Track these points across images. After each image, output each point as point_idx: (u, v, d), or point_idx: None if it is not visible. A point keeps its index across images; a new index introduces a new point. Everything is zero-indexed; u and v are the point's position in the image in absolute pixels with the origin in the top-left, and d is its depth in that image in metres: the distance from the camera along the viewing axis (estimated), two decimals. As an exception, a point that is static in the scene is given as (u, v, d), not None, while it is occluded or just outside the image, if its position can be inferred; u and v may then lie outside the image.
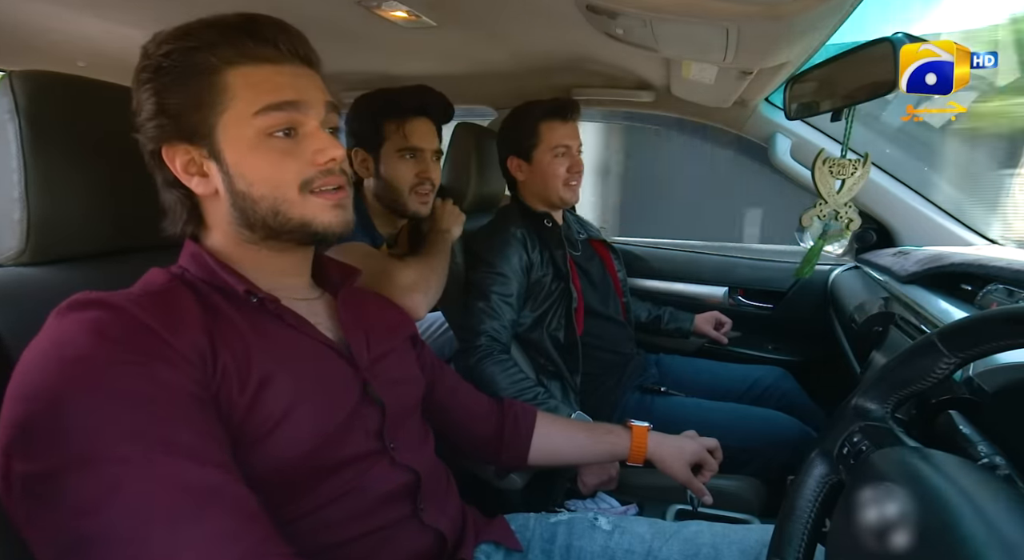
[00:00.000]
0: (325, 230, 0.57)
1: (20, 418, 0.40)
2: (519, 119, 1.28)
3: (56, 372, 0.41)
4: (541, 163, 1.26)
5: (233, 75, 0.53)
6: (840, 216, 1.10)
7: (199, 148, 0.54)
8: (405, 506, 0.61)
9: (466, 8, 0.98)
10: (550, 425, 0.85)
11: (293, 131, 0.55)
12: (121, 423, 0.40)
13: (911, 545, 0.33)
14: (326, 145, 0.56)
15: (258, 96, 0.53)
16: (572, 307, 1.22)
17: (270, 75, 0.54)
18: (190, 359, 0.46)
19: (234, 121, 0.53)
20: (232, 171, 0.54)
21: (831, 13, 0.67)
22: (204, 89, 0.53)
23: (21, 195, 0.54)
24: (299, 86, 0.55)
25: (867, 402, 0.50)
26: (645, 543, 0.71)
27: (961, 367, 0.46)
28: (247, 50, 0.53)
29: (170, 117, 0.53)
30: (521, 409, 0.84)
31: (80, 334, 0.43)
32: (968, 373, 0.61)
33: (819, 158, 1.08)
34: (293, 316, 0.57)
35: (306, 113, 0.56)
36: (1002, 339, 0.42)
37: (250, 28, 0.54)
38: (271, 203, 0.55)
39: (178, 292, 0.52)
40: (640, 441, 0.83)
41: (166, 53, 0.52)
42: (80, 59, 1.31)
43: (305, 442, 0.51)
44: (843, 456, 0.47)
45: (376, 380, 0.61)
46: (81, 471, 0.38)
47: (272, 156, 0.54)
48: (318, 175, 0.56)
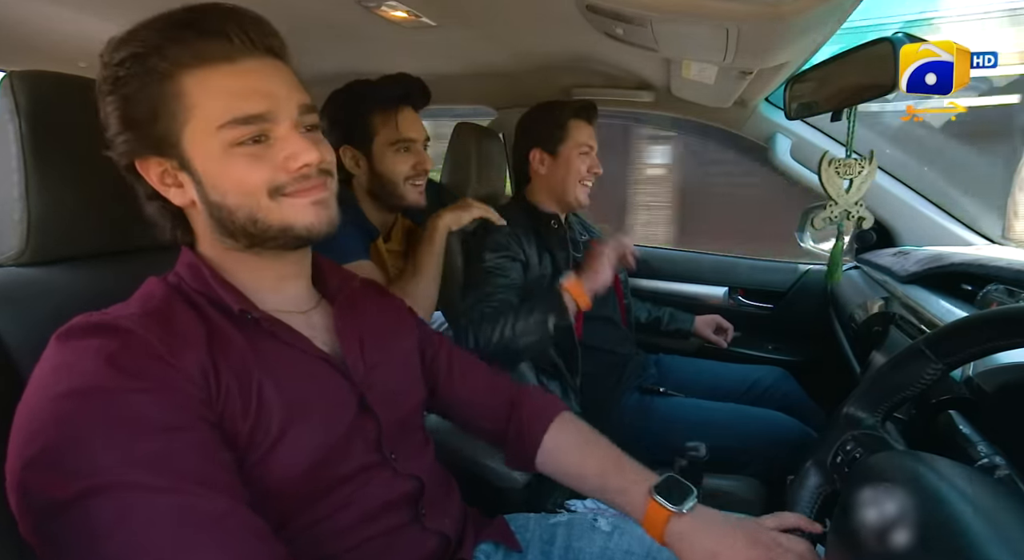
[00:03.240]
0: (308, 231, 0.54)
1: (35, 448, 0.40)
2: (549, 113, 1.29)
3: (67, 401, 0.41)
4: (567, 158, 1.27)
5: (188, 81, 0.49)
6: (852, 215, 1.10)
7: (170, 159, 0.51)
8: (407, 512, 0.61)
9: (466, 8, 0.97)
10: (567, 441, 0.71)
11: (264, 137, 0.51)
12: (134, 451, 0.40)
13: (910, 543, 0.33)
14: (299, 149, 0.51)
15: (220, 106, 0.49)
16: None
17: (228, 79, 0.49)
18: (196, 381, 0.46)
19: (200, 131, 0.49)
20: (204, 182, 0.51)
21: (831, 13, 0.67)
22: (161, 98, 0.49)
23: (21, 195, 0.54)
24: (265, 91, 0.51)
25: (858, 411, 0.50)
26: (645, 544, 0.70)
27: (950, 372, 0.47)
28: (196, 48, 0.49)
29: (135, 130, 0.50)
30: (534, 412, 0.74)
31: (89, 363, 0.43)
32: (968, 373, 0.61)
33: (824, 160, 1.08)
34: (288, 332, 0.56)
35: (275, 121, 0.51)
36: (988, 342, 0.42)
37: (193, 20, 0.49)
38: (248, 212, 0.52)
39: (177, 308, 0.51)
40: (653, 525, 0.58)
41: (120, 61, 0.48)
42: (80, 59, 1.31)
43: (303, 460, 0.51)
44: (837, 465, 0.48)
45: (372, 391, 0.60)
46: (95, 498, 0.38)
47: (241, 162, 0.50)
48: (291, 181, 0.52)
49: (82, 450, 0.39)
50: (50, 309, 0.45)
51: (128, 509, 0.39)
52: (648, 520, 0.58)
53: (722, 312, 1.56)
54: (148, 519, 0.39)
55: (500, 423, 0.75)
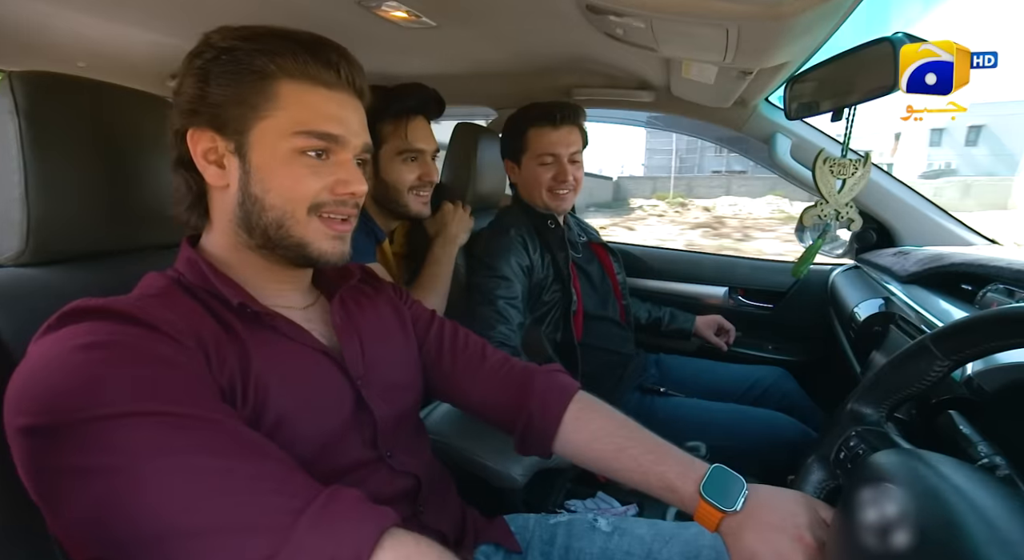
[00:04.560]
0: (320, 257, 0.57)
1: (38, 390, 0.39)
2: (512, 123, 1.28)
3: (71, 353, 0.41)
4: (528, 170, 1.26)
5: (287, 87, 0.53)
6: (841, 216, 1.10)
7: (227, 140, 0.54)
8: (404, 509, 0.61)
9: (466, 8, 0.98)
10: (590, 425, 0.67)
11: (325, 154, 0.56)
12: (139, 380, 0.41)
13: (910, 542, 0.33)
14: (352, 178, 0.57)
15: (305, 117, 0.54)
16: (571, 310, 1.22)
17: (322, 100, 0.55)
18: (197, 355, 0.46)
19: (273, 129, 0.53)
20: (253, 173, 0.54)
21: (831, 13, 0.67)
22: (254, 91, 0.53)
23: (21, 195, 0.54)
24: (345, 120, 0.56)
25: (862, 407, 0.50)
26: (645, 545, 0.70)
27: (955, 369, 0.47)
28: (308, 68, 0.54)
29: (209, 105, 0.53)
30: (548, 393, 0.69)
31: (93, 331, 0.43)
32: (968, 373, 0.61)
33: (819, 158, 1.08)
34: (288, 326, 0.56)
35: (344, 147, 0.57)
36: (994, 340, 0.42)
37: (315, 48, 0.55)
38: (279, 215, 0.55)
39: (178, 297, 0.52)
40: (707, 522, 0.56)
41: (229, 47, 0.53)
42: (80, 59, 1.31)
43: (300, 452, 0.51)
44: (840, 461, 0.48)
45: (369, 388, 0.60)
46: (123, 420, 0.38)
47: (298, 171, 0.54)
48: (331, 202, 0.56)
49: (97, 382, 0.39)
50: (50, 309, 0.45)
51: (153, 433, 0.39)
52: (701, 517, 0.56)
53: (722, 312, 1.56)
54: (184, 442, 0.39)
55: (510, 407, 0.70)
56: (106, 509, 0.37)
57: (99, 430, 0.38)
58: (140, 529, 0.37)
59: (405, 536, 0.42)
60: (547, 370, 0.73)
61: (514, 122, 1.28)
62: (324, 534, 0.39)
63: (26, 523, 0.45)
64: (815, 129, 1.43)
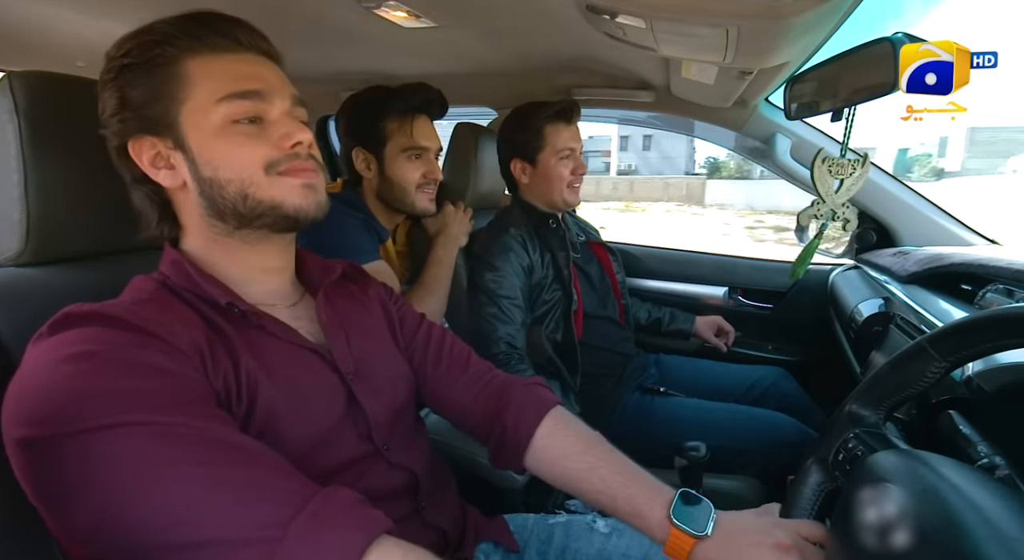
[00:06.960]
0: (297, 212, 0.56)
1: (34, 400, 0.40)
2: (523, 121, 1.27)
3: (66, 363, 0.41)
4: (547, 166, 1.26)
5: (193, 64, 0.53)
6: (838, 216, 1.10)
7: (164, 139, 0.53)
8: (406, 505, 0.61)
9: (466, 8, 0.98)
10: (561, 443, 0.64)
11: (259, 119, 0.55)
12: (137, 390, 0.41)
13: (910, 542, 0.33)
14: (292, 129, 0.55)
15: (220, 84, 0.53)
16: (572, 310, 1.22)
17: (230, 64, 0.54)
18: (193, 360, 0.47)
19: (198, 109, 0.53)
20: (197, 158, 0.53)
21: (831, 13, 0.67)
22: (165, 80, 0.52)
23: (21, 195, 0.54)
24: (261, 75, 0.55)
25: (860, 408, 0.50)
26: (643, 547, 0.70)
27: (952, 370, 0.47)
28: (206, 39, 0.53)
29: (133, 110, 0.53)
30: (522, 407, 0.67)
31: (83, 339, 0.43)
32: (968, 373, 0.61)
33: (818, 157, 1.08)
34: (276, 324, 0.56)
35: (270, 102, 0.55)
36: (991, 341, 0.42)
37: (206, 19, 0.54)
38: (239, 186, 0.54)
39: (168, 299, 0.52)
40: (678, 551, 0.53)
41: (126, 51, 0.52)
42: (80, 59, 1.31)
43: (296, 448, 0.51)
44: (838, 463, 0.48)
45: (360, 383, 0.60)
46: (109, 432, 0.39)
47: (237, 139, 0.53)
48: (284, 158, 0.55)
49: (91, 395, 0.39)
50: (50, 309, 0.45)
51: (146, 442, 0.39)
52: (671, 547, 0.53)
53: (722, 312, 1.55)
54: (173, 450, 0.39)
55: (484, 418, 0.68)
56: (100, 521, 0.38)
57: (86, 443, 0.38)
58: (133, 540, 0.37)
59: (393, 547, 0.42)
60: (526, 383, 0.71)
61: (524, 121, 1.27)
62: (311, 545, 0.39)
63: (26, 523, 0.45)
64: (815, 129, 1.43)
